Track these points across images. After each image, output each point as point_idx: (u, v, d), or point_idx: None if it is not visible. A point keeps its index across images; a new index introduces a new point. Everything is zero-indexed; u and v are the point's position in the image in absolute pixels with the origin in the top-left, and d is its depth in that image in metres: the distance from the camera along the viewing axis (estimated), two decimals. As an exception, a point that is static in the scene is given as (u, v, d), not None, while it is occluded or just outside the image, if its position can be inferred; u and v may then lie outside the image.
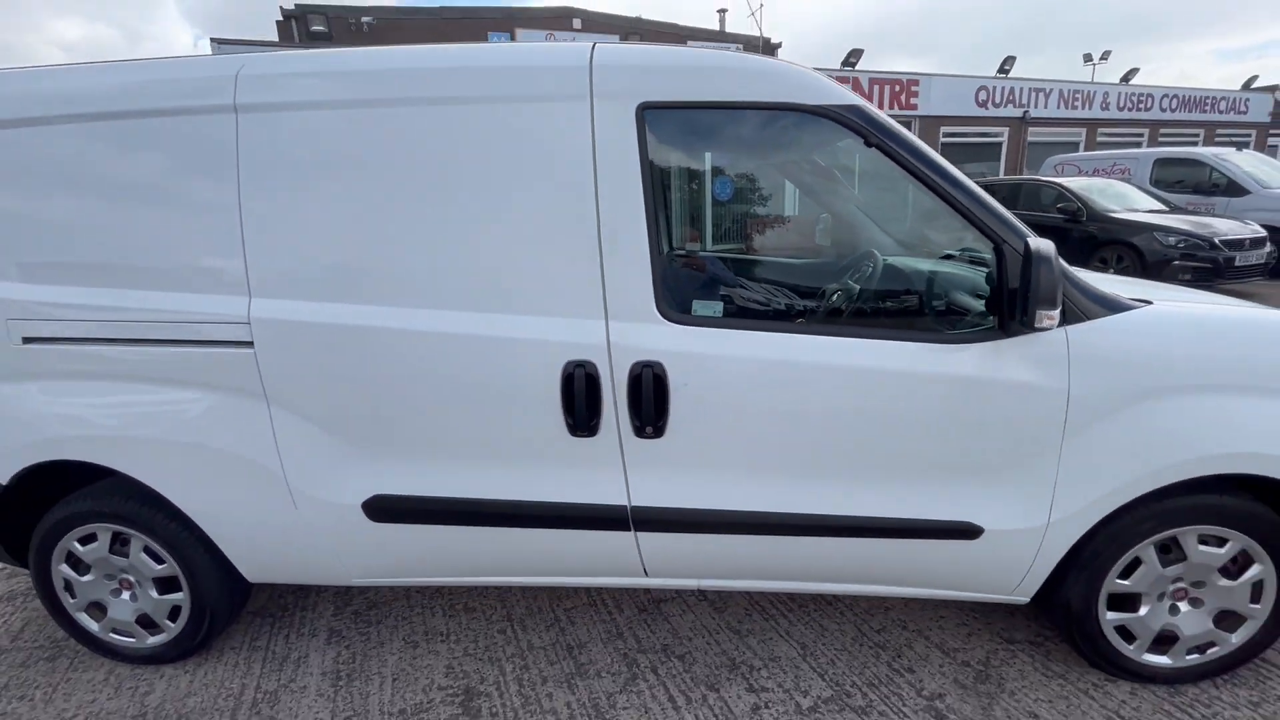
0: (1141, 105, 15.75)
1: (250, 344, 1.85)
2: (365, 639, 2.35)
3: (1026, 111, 14.12)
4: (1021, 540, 1.85)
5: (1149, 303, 1.83)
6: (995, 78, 13.91)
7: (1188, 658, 1.97)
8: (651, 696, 2.04)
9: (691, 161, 2.65)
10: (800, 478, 1.86)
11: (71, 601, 2.20)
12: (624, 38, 20.05)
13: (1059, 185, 9.49)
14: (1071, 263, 2.01)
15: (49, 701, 2.11)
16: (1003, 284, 1.71)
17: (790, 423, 1.82)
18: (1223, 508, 1.81)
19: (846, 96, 1.78)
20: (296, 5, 16.36)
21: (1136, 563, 1.89)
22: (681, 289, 2.29)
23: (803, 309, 2.37)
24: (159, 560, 2.12)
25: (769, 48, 22.81)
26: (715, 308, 1.93)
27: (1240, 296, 6.70)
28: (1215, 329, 1.84)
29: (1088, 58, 23.26)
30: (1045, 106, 14.41)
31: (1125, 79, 16.12)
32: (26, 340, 1.93)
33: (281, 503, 1.97)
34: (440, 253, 1.81)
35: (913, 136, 1.81)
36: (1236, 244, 7.79)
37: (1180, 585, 1.92)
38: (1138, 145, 16.16)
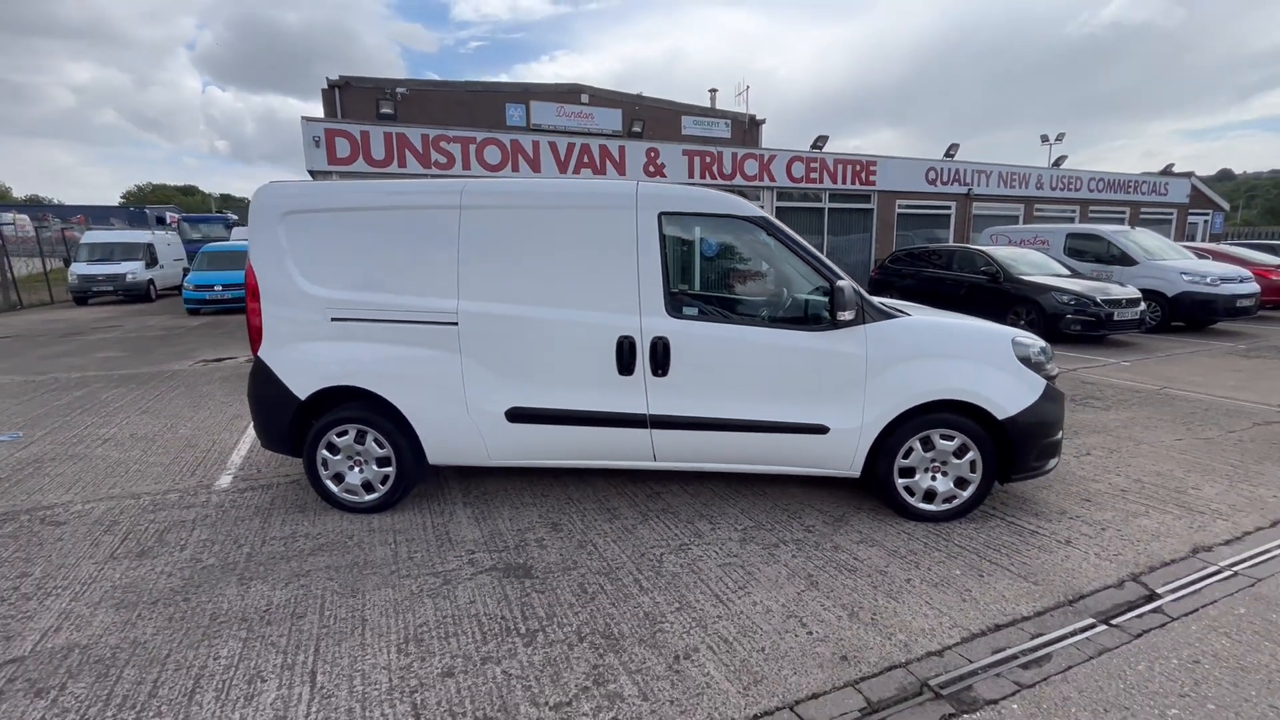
0: (1071, 186, 18.26)
1: (455, 324, 3.61)
2: (486, 504, 4.01)
3: (970, 189, 16.50)
4: (849, 435, 3.59)
5: (908, 314, 3.64)
6: (942, 160, 16.33)
7: (943, 505, 3.69)
8: (656, 526, 3.70)
9: (684, 238, 4.48)
10: (737, 399, 3.61)
11: (324, 472, 3.86)
12: (626, 112, 22.55)
13: (986, 253, 11.54)
14: (989, 315, 3.82)
15: (314, 521, 3.73)
16: (832, 302, 3.51)
17: (731, 369, 3.58)
18: (947, 419, 3.57)
19: (759, 212, 3.63)
20: (340, 77, 18.69)
21: (911, 450, 3.63)
22: (677, 301, 4.06)
23: (737, 313, 4.17)
24: (381, 446, 3.80)
25: (754, 123, 25.49)
26: (693, 312, 3.72)
27: (1120, 345, 8.84)
28: (935, 327, 3.66)
29: (1044, 138, 26.30)
30: (987, 185, 16.81)
31: (1056, 164, 18.69)
32: (334, 320, 3.68)
33: (461, 410, 3.68)
34: (556, 279, 3.60)
35: (791, 231, 3.66)
36: (1115, 303, 9.76)
37: (935, 463, 3.66)
38: (1071, 220, 18.57)
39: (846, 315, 3.40)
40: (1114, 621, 2.74)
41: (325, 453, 3.83)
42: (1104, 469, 4.55)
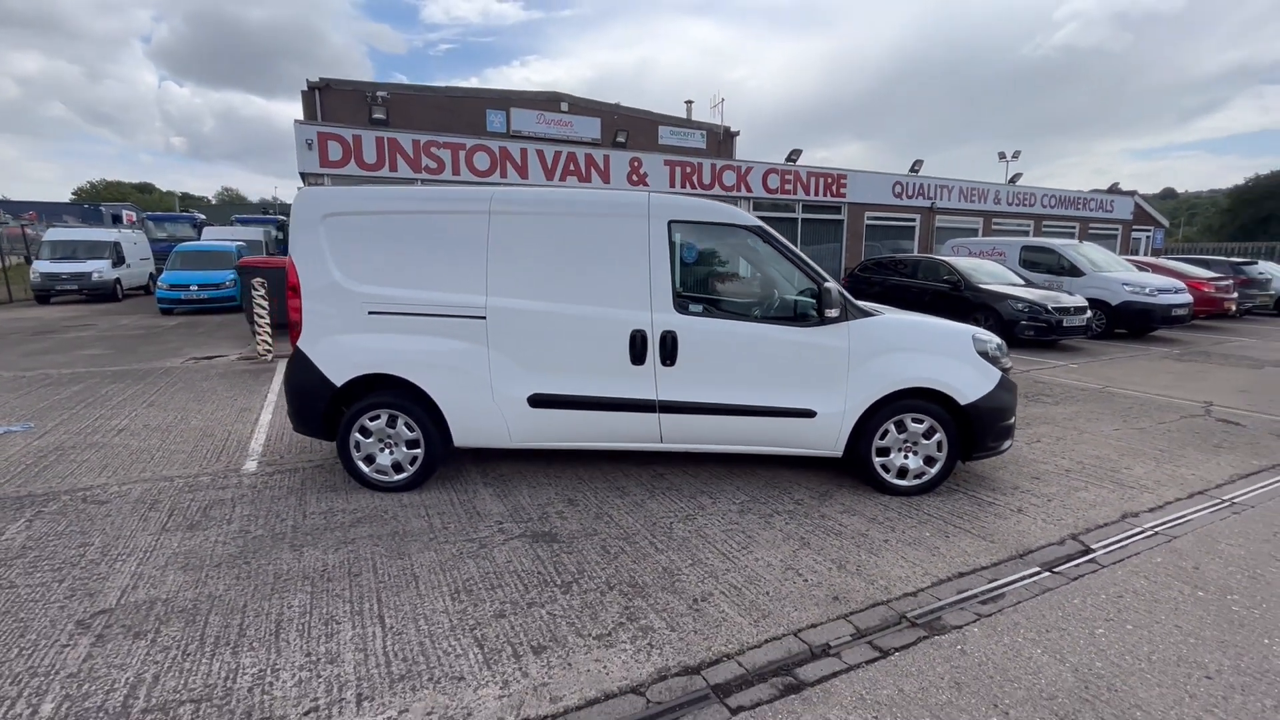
0: (1026, 202, 19.41)
1: (484, 318, 3.99)
2: (505, 483, 4.38)
3: (933, 203, 17.43)
4: (834, 419, 4.08)
5: (883, 313, 4.16)
6: (908, 175, 17.23)
7: (913, 481, 4.20)
8: (663, 501, 4.12)
9: (689, 243, 4.94)
10: (736, 387, 4.06)
11: (356, 454, 4.19)
12: (605, 121, 23.03)
13: (948, 263, 12.32)
14: (950, 318, 4.33)
15: (347, 499, 4.05)
16: (821, 301, 4.00)
17: (731, 360, 4.04)
18: (918, 405, 4.09)
19: (756, 221, 4.11)
20: (321, 79, 18.73)
21: (886, 432, 4.14)
22: (683, 300, 4.48)
23: (735, 311, 4.63)
24: (411, 429, 4.14)
25: (729, 135, 26.23)
26: (698, 309, 4.16)
27: (1068, 349, 9.62)
28: (907, 324, 4.19)
29: (1002, 155, 27.75)
30: (949, 199, 17.78)
31: (1012, 180, 19.85)
32: (370, 313, 4.02)
33: (487, 396, 4.05)
34: (576, 279, 4.01)
35: (784, 239, 4.14)
36: (1065, 311, 10.58)
37: (907, 443, 4.17)
38: (1026, 234, 19.70)
39: (833, 313, 3.89)
40: (1056, 569, 3.26)
41: (358, 435, 4.15)
42: (1051, 453, 5.15)
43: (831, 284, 3.94)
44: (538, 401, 4.07)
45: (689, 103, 25.82)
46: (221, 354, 9.59)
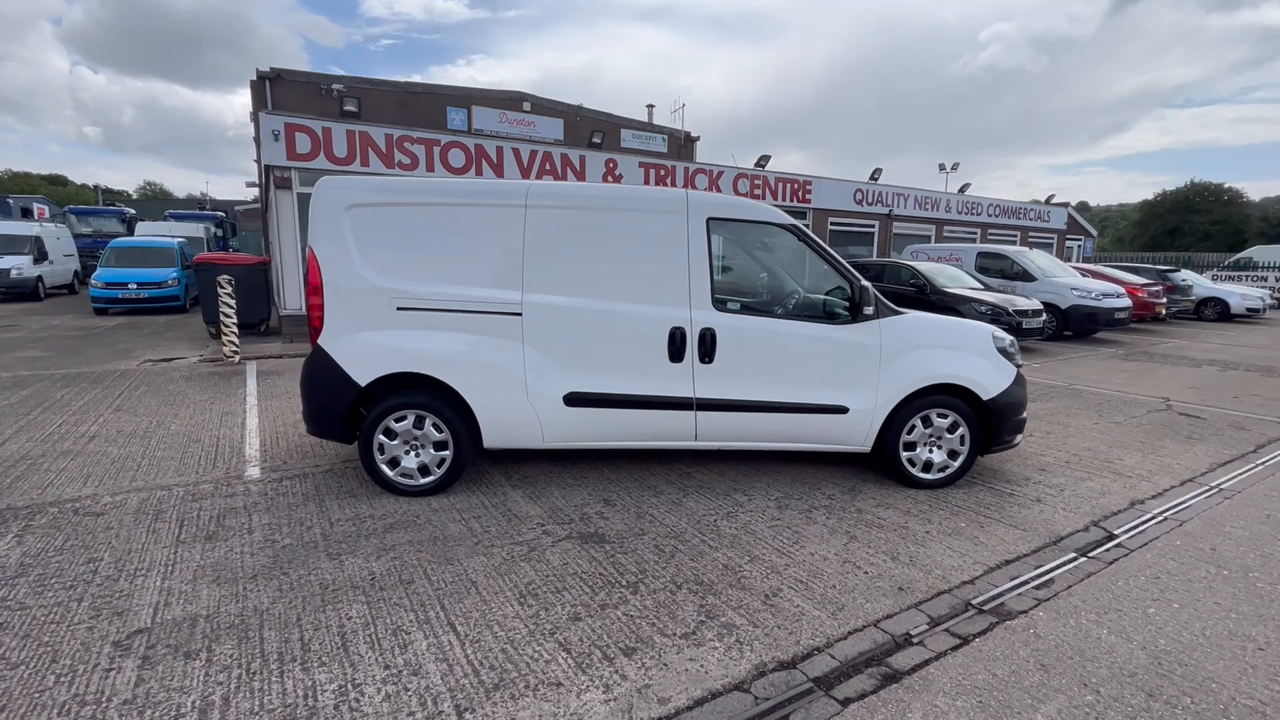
0: (974, 211, 20.43)
1: (520, 314, 3.88)
2: (533, 485, 4.26)
3: (891, 210, 18.11)
4: (865, 415, 4.17)
5: (908, 313, 4.28)
6: (868, 183, 17.85)
7: (937, 474, 4.33)
8: (699, 500, 4.10)
9: (728, 241, 4.95)
10: (772, 384, 4.09)
11: (380, 457, 3.99)
12: (568, 122, 22.87)
13: (913, 267, 12.81)
14: None
15: (372, 504, 3.86)
16: (855, 301, 4.08)
17: (768, 358, 4.07)
18: (943, 400, 4.23)
19: (792, 220, 4.16)
20: (272, 69, 17.85)
21: (913, 427, 4.26)
22: (721, 297, 4.43)
23: (769, 308, 4.66)
24: (439, 430, 3.98)
25: (689, 140, 26.50)
26: (735, 306, 4.17)
27: (1026, 350, 10.03)
28: (932, 321, 4.32)
29: (942, 166, 29.16)
30: (905, 206, 18.52)
31: (961, 190, 20.88)
32: (399, 309, 3.84)
33: (521, 395, 3.94)
34: (614, 275, 3.95)
35: (816, 238, 4.21)
36: (1024, 313, 11.17)
37: (932, 438, 4.30)
38: (973, 240, 20.72)
39: (869, 310, 3.98)
40: (1090, 555, 3.43)
41: (382, 438, 3.95)
42: (1047, 446, 5.41)
43: (866, 283, 4.02)
44: (573, 400, 3.98)
45: (650, 106, 26.03)
46: (179, 356, 8.98)
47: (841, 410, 4.14)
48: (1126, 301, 12.98)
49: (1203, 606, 2.92)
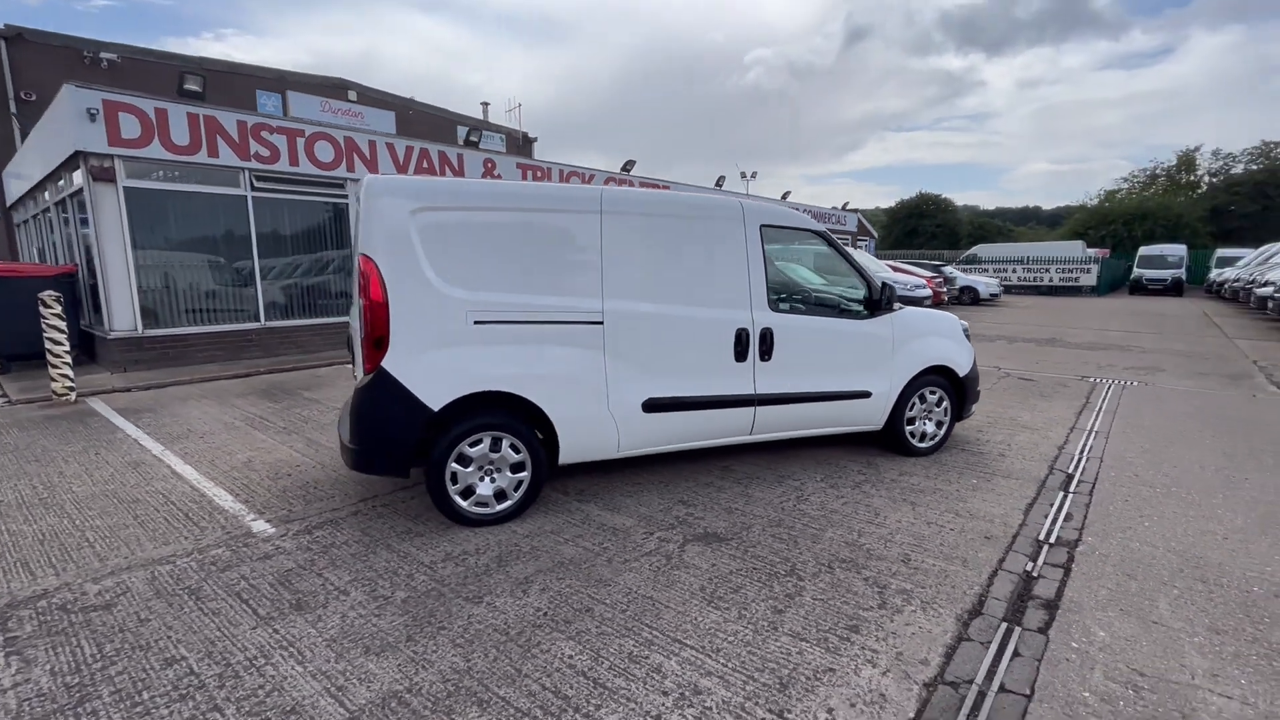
0: (793, 215, 23.33)
1: (601, 323, 3.78)
2: (597, 498, 4.16)
3: (733, 214, 19.96)
4: (882, 397, 4.78)
5: (904, 308, 4.99)
6: (713, 189, 19.38)
7: (929, 444, 5.11)
8: (760, 490, 4.35)
9: (778, 246, 5.21)
10: (817, 375, 4.50)
11: (453, 487, 3.61)
12: (400, 114, 21.21)
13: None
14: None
15: (452, 541, 3.49)
16: (876, 299, 4.65)
17: (815, 353, 4.46)
18: (932, 379, 5.01)
19: (821, 226, 4.60)
20: (8, 26, 13.91)
21: (914, 404, 4.98)
22: (777, 299, 4.61)
23: (808, 307, 5.04)
24: (517, 451, 3.72)
25: (527, 140, 26.16)
26: (786, 307, 4.49)
27: None
28: (924, 314, 5.10)
29: (744, 174, 32.79)
30: (742, 211, 20.52)
31: (783, 197, 23.68)
32: (476, 322, 3.51)
33: (603, 406, 3.84)
34: (685, 280, 4.03)
35: (839, 243, 4.70)
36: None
37: (926, 412, 5.07)
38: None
39: (896, 306, 4.57)
40: (1073, 492, 4.38)
41: (456, 465, 3.58)
42: (965, 412, 6.59)
43: (883, 280, 4.61)
44: (651, 406, 3.98)
45: (485, 104, 25.42)
46: (43, 397, 6.81)
47: (866, 395, 4.70)
48: (929, 291, 15.89)
49: (1170, 517, 3.94)
